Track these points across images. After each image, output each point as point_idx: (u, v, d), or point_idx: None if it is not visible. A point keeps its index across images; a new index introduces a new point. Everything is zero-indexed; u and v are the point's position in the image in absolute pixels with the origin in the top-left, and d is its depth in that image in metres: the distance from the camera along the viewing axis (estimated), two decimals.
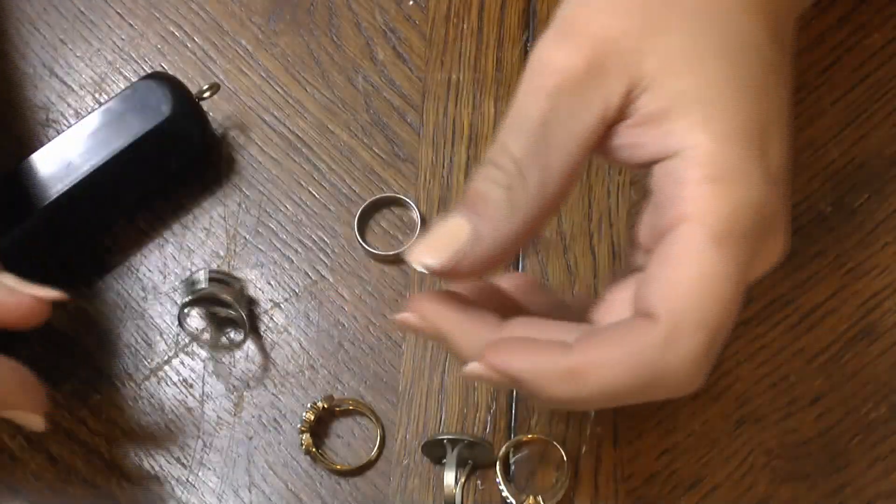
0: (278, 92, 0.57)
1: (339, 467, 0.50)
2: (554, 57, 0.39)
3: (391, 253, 0.53)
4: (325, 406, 0.51)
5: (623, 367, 0.37)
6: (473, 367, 0.39)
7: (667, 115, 0.38)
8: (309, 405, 0.51)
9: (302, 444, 0.50)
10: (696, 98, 0.38)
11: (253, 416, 0.51)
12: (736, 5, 0.39)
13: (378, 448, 0.50)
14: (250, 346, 0.52)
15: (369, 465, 0.50)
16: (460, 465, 0.49)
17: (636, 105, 0.39)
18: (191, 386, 0.52)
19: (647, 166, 0.39)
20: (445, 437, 0.49)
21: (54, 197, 0.51)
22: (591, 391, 0.37)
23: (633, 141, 0.39)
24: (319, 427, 0.51)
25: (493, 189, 0.39)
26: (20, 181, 0.51)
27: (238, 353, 0.52)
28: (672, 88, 0.38)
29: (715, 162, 0.37)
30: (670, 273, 0.37)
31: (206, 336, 0.52)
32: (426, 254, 0.39)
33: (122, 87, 0.56)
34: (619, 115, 0.39)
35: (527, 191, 0.38)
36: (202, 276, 0.51)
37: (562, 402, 0.38)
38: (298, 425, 0.51)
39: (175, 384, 0.52)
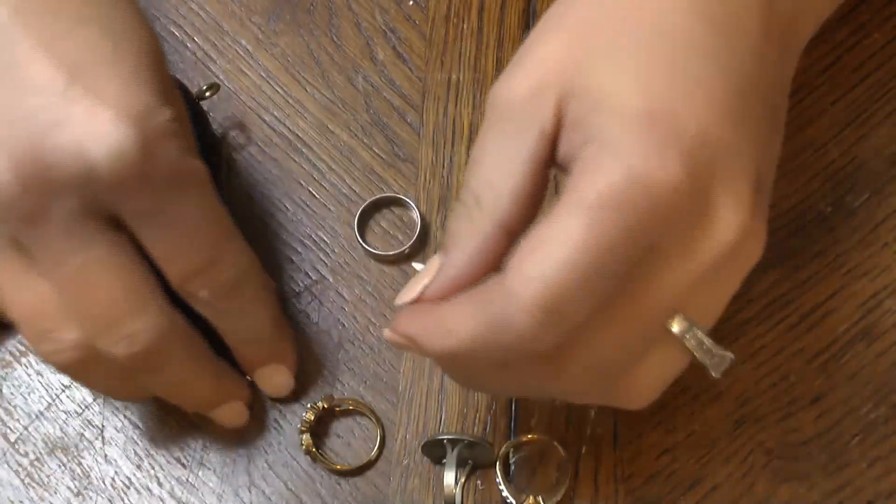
0: (278, 92, 0.57)
1: (339, 467, 0.50)
2: (502, 89, 0.42)
3: (391, 253, 0.53)
4: (325, 406, 0.51)
5: (476, 320, 0.39)
6: (386, 332, 0.43)
7: (584, 116, 0.40)
8: (309, 405, 0.51)
9: (302, 444, 0.50)
10: (610, 90, 0.39)
11: (253, 416, 0.51)
12: (673, 7, 0.41)
13: (378, 448, 0.50)
14: None
15: (369, 465, 0.50)
16: (460, 465, 0.49)
17: (566, 115, 0.40)
18: None
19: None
20: (445, 437, 0.49)
21: None
22: (458, 344, 0.40)
23: (566, 150, 0.40)
24: (319, 427, 0.51)
25: (456, 221, 0.42)
26: None
27: None
28: (592, 87, 0.40)
29: (607, 140, 0.39)
30: (530, 234, 0.39)
31: None
32: (403, 296, 0.42)
33: None
34: (557, 130, 0.41)
35: (482, 215, 0.41)
36: None
37: (443, 358, 0.42)
38: (298, 425, 0.51)
39: None
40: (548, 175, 0.41)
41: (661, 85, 0.39)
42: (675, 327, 0.41)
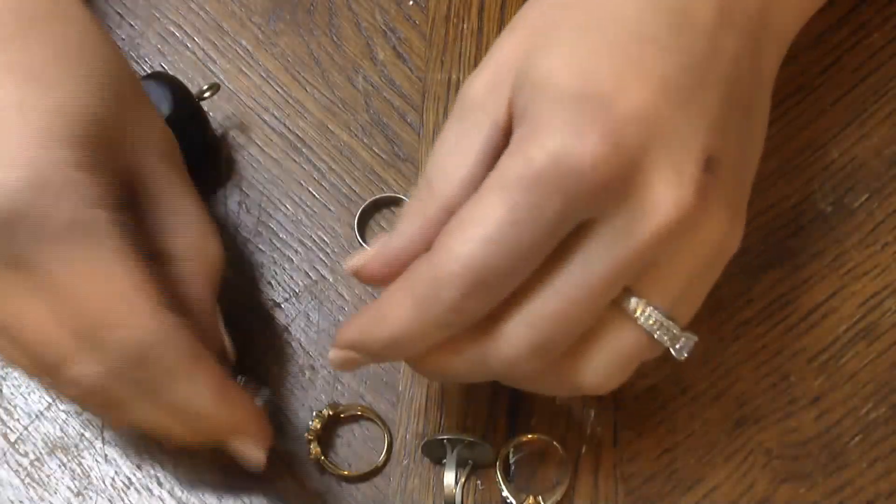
0: (278, 92, 0.57)
1: (346, 474, 0.50)
2: (465, 88, 0.43)
3: None
4: (331, 413, 0.50)
5: (408, 302, 0.41)
6: (330, 355, 0.45)
7: (528, 102, 0.41)
8: (315, 413, 0.51)
9: (311, 454, 0.50)
10: (548, 75, 0.40)
11: None
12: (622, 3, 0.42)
13: (386, 453, 0.50)
14: (250, 346, 0.52)
15: (376, 471, 0.50)
16: (460, 465, 0.49)
17: (516, 104, 0.41)
18: None
19: None
20: (445, 437, 0.49)
21: None
22: (395, 329, 0.42)
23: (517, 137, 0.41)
24: (325, 434, 0.51)
25: (406, 206, 0.44)
26: None
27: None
28: (535, 75, 0.41)
29: (534, 121, 0.40)
30: (457, 215, 0.41)
31: None
32: (351, 262, 0.44)
33: None
34: (509, 120, 0.42)
35: (432, 197, 0.42)
36: None
37: (389, 348, 0.43)
38: (305, 434, 0.50)
39: None
40: None
41: (594, 66, 0.40)
42: (628, 306, 0.42)
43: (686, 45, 0.42)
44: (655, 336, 0.43)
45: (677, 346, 0.43)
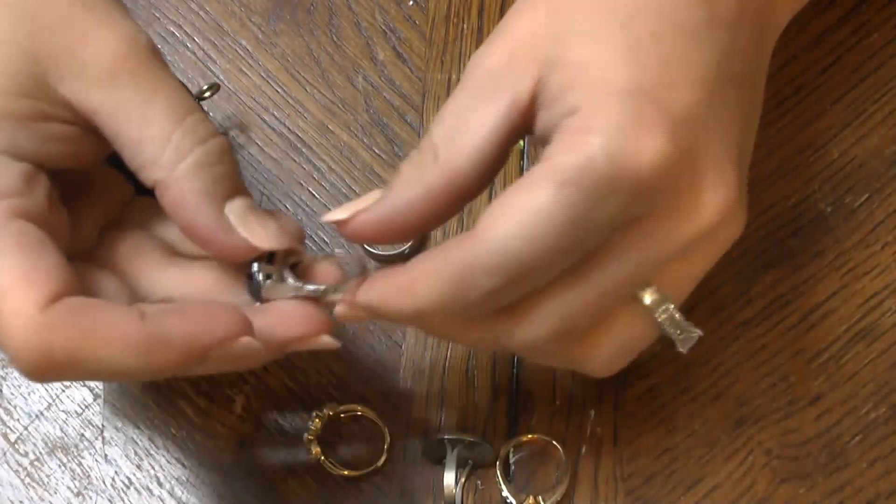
0: (278, 92, 0.57)
1: (347, 473, 0.50)
2: (479, 57, 0.42)
3: (391, 253, 0.53)
4: (331, 413, 0.50)
5: (441, 281, 0.40)
6: (338, 309, 0.43)
7: (567, 89, 0.40)
8: (315, 414, 0.51)
9: (311, 454, 0.50)
10: (594, 64, 0.40)
11: (253, 416, 0.51)
12: None
13: (387, 452, 0.50)
14: None
15: (376, 471, 0.50)
16: (460, 465, 0.49)
17: (546, 87, 0.40)
18: (191, 385, 0.52)
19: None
20: (445, 437, 0.49)
21: None
22: (422, 305, 0.41)
23: (546, 121, 0.40)
24: (325, 433, 0.51)
25: (405, 164, 0.42)
26: None
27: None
28: (574, 60, 0.40)
29: (589, 114, 0.39)
30: (502, 198, 0.40)
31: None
32: (334, 213, 0.42)
33: None
34: (533, 101, 0.41)
35: (435, 166, 0.41)
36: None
37: (408, 318, 0.42)
38: (305, 433, 0.50)
39: (175, 384, 0.52)
40: (510, 147, 0.42)
41: (646, 62, 0.40)
42: (648, 299, 0.42)
43: (717, 39, 0.41)
44: (667, 330, 0.43)
45: (683, 340, 0.43)
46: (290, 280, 0.44)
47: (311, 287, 0.44)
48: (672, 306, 0.42)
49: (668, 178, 0.39)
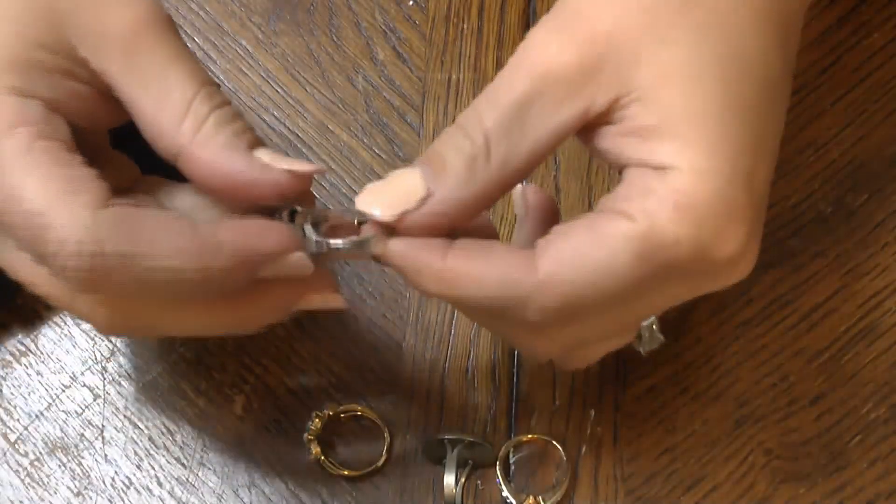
0: (278, 92, 0.57)
1: (347, 473, 0.50)
2: (548, 44, 0.39)
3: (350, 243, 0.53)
4: (331, 413, 0.50)
5: (490, 290, 0.39)
6: (380, 247, 0.41)
7: (654, 132, 0.38)
8: (315, 413, 0.50)
9: (311, 453, 0.50)
10: (687, 120, 0.38)
11: (253, 416, 0.51)
12: (749, 19, 0.39)
13: (386, 452, 0.50)
14: (250, 345, 0.52)
15: (376, 471, 0.50)
16: (460, 465, 0.49)
17: (624, 113, 0.39)
18: (191, 386, 0.52)
19: (624, 167, 0.40)
20: (445, 437, 0.49)
21: None
22: (459, 295, 0.40)
23: (616, 148, 0.40)
24: (325, 433, 0.51)
25: (456, 157, 0.40)
26: None
27: (238, 353, 0.52)
28: (664, 105, 0.38)
29: (687, 192, 0.38)
30: (573, 236, 0.39)
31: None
32: (376, 203, 0.41)
33: None
34: (603, 118, 0.39)
35: (489, 166, 0.39)
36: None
37: (437, 296, 0.41)
38: (305, 433, 0.50)
39: (175, 384, 0.52)
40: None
41: (743, 135, 0.39)
42: (644, 322, 0.42)
43: (786, 92, 0.41)
44: (641, 340, 0.43)
45: (647, 343, 0.44)
46: (314, 237, 0.43)
47: (348, 241, 0.42)
48: (656, 324, 0.43)
49: (736, 263, 0.40)
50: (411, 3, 0.58)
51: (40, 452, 0.51)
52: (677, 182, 0.38)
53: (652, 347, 0.43)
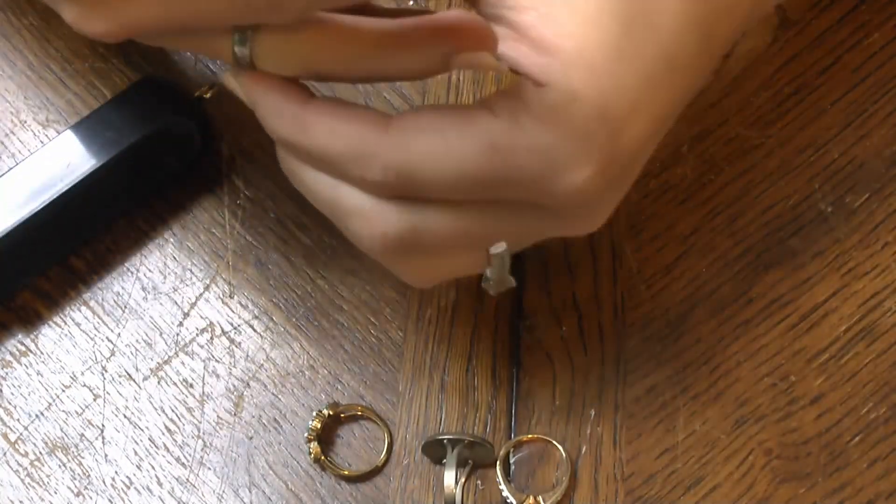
0: None
1: (347, 473, 0.50)
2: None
3: None
4: (331, 413, 0.50)
5: (340, 139, 0.41)
6: (228, 76, 0.44)
7: (545, 46, 0.40)
8: (315, 413, 0.51)
9: (310, 454, 0.50)
10: (573, 38, 0.40)
11: (253, 416, 0.51)
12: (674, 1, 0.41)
13: (386, 453, 0.50)
14: (250, 346, 0.52)
15: (376, 471, 0.50)
16: (460, 465, 0.49)
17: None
18: (191, 386, 0.52)
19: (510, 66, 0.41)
20: (445, 437, 0.49)
21: (53, 198, 0.50)
22: (310, 143, 0.41)
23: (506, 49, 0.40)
24: (325, 433, 0.51)
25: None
26: (18, 181, 0.51)
27: (238, 353, 0.52)
28: (556, 20, 0.40)
29: (556, 108, 0.39)
30: (441, 110, 0.41)
31: None
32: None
33: (122, 87, 0.56)
34: None
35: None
36: None
37: (287, 143, 0.43)
38: (305, 433, 0.50)
39: (175, 384, 0.52)
40: None
41: (622, 85, 0.40)
42: (496, 250, 0.43)
43: (697, 72, 0.42)
44: (491, 271, 0.44)
45: (495, 284, 0.44)
46: None
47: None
48: (507, 256, 0.43)
49: (579, 205, 0.41)
50: (411, 3, 0.58)
51: (40, 452, 0.51)
52: (549, 96, 0.39)
53: (500, 289, 0.44)
